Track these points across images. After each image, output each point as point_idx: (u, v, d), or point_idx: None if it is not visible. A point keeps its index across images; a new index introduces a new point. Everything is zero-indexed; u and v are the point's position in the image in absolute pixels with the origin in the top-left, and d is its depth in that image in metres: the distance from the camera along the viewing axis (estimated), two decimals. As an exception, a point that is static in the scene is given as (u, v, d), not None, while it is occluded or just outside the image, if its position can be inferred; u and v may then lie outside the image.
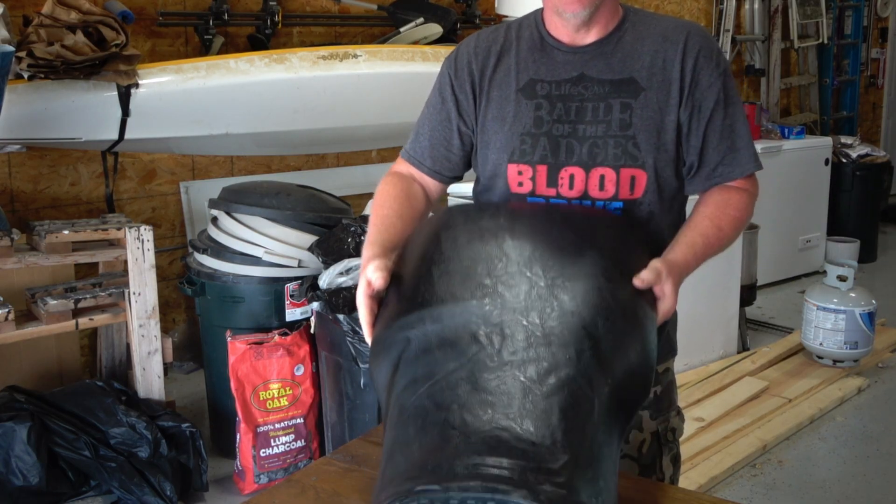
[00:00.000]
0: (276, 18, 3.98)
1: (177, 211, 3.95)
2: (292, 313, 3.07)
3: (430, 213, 1.62)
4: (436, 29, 4.08)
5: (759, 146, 5.47)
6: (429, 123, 1.64)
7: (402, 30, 4.07)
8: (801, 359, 4.14)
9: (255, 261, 3.03)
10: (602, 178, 1.50)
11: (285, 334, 2.96)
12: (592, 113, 1.50)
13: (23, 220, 3.35)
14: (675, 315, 1.72)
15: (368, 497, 1.37)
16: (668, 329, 1.68)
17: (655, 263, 1.36)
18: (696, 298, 1.69)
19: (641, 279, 1.32)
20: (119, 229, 2.99)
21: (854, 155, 5.98)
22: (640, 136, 1.50)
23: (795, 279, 5.52)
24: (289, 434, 2.97)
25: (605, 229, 1.41)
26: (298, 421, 2.98)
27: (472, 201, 1.68)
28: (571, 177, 1.51)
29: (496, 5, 4.14)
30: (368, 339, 1.34)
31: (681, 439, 1.74)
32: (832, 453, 3.34)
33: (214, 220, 3.20)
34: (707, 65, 1.51)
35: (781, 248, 5.35)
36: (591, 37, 1.52)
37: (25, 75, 2.88)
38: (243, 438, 2.91)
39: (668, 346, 1.68)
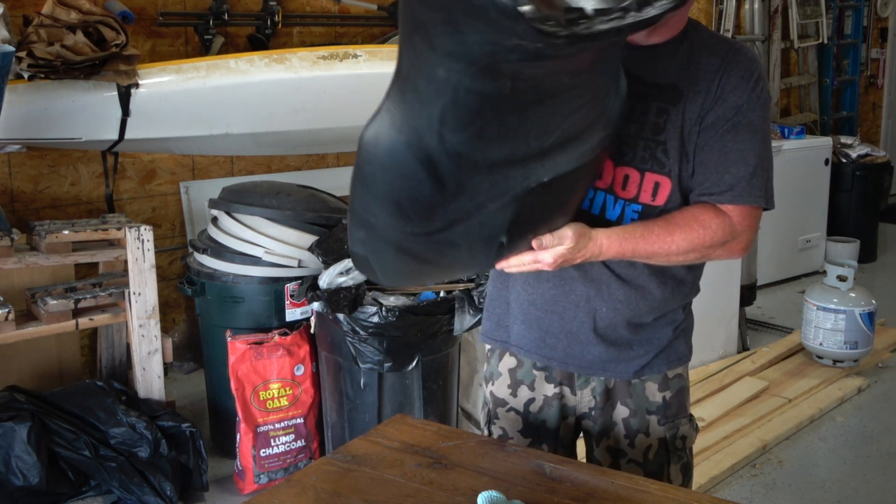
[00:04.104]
0: (276, 18, 3.98)
1: (177, 211, 3.95)
2: (292, 313, 3.07)
3: None
4: (436, 29, 4.07)
5: (758, 146, 5.47)
6: None
7: (402, 30, 4.07)
8: (801, 359, 4.14)
9: (255, 261, 3.02)
10: (626, 177, 1.50)
11: (285, 334, 2.96)
12: (629, 110, 1.48)
13: (23, 220, 3.34)
14: (691, 321, 1.72)
15: (368, 497, 1.37)
16: (678, 335, 1.67)
17: (568, 232, 1.41)
18: (696, 298, 1.69)
19: (541, 242, 1.39)
20: (119, 229, 2.99)
21: (854, 155, 5.98)
22: (671, 143, 1.48)
23: (795, 279, 5.53)
24: (289, 434, 2.97)
25: None
26: (298, 421, 2.98)
27: None
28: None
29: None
30: None
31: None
32: (832, 453, 3.34)
33: (214, 220, 3.20)
34: (741, 86, 1.48)
35: (781, 248, 5.36)
36: (651, 39, 1.50)
37: (25, 75, 2.88)
38: (243, 438, 2.91)
39: (677, 353, 1.67)
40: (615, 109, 1.37)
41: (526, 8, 0.97)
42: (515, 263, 1.44)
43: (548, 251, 1.41)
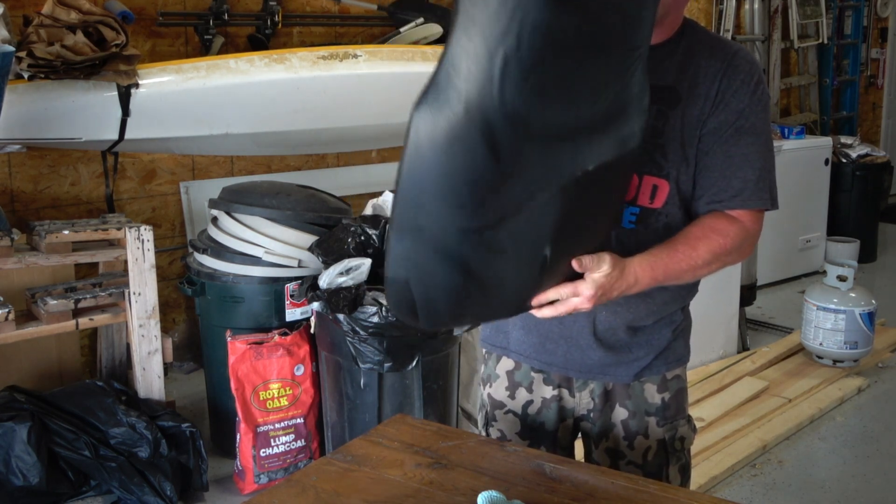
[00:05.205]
0: (276, 18, 3.98)
1: (177, 211, 3.95)
2: (292, 313, 3.07)
3: None
4: (436, 29, 4.07)
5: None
6: None
7: (402, 30, 4.07)
8: (800, 359, 4.14)
9: (255, 261, 3.03)
10: None
11: (285, 334, 2.96)
12: None
13: (23, 220, 3.35)
14: (689, 321, 1.72)
15: (368, 497, 1.37)
16: (677, 337, 1.67)
17: (606, 255, 1.37)
18: (696, 298, 1.69)
19: (581, 262, 1.35)
20: (119, 229, 2.99)
21: (854, 155, 5.98)
22: (669, 147, 1.48)
23: (795, 279, 5.53)
24: (289, 434, 2.97)
25: None
26: (298, 421, 2.98)
27: None
28: None
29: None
30: None
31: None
32: (832, 453, 3.34)
33: (214, 220, 3.20)
34: (742, 90, 1.48)
35: (781, 248, 5.36)
36: None
37: (25, 75, 2.88)
38: (243, 438, 2.91)
39: (676, 354, 1.67)
40: (643, 113, 1.35)
41: None
42: (553, 296, 1.38)
43: (588, 281, 1.36)
